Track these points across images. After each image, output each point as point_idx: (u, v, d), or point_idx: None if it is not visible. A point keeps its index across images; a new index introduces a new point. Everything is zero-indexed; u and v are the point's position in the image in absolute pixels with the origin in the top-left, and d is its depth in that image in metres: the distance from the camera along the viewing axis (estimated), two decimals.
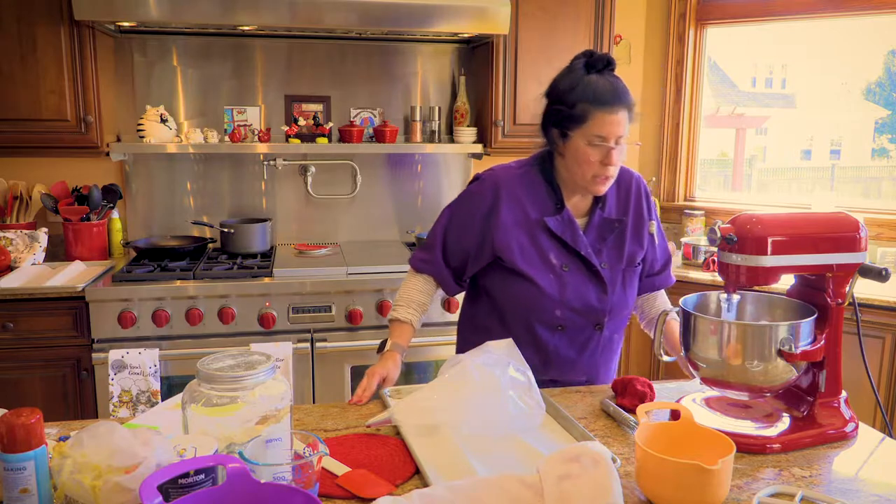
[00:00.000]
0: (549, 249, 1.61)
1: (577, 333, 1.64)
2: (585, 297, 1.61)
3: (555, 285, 1.60)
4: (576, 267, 1.61)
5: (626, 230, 1.66)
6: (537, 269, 1.60)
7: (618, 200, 1.68)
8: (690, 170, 3.59)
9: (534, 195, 1.64)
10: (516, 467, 1.18)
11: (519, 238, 1.61)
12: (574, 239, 1.60)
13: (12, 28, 2.60)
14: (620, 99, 1.51)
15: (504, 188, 1.64)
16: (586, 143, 1.52)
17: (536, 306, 1.61)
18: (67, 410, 2.59)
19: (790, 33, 3.58)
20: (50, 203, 2.89)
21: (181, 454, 0.98)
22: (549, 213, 1.62)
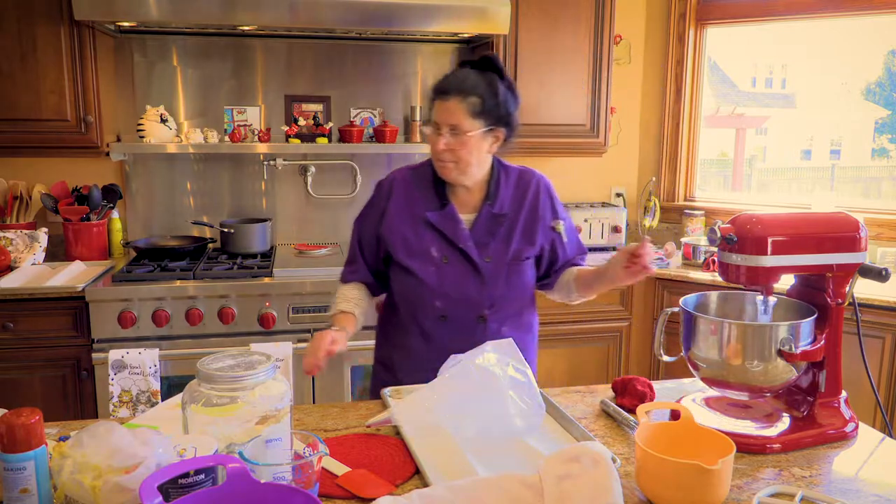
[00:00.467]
0: (430, 242, 1.69)
1: (460, 324, 1.69)
2: (463, 289, 1.67)
3: (434, 276, 1.67)
4: (456, 259, 1.68)
5: (517, 226, 1.71)
6: (418, 261, 1.68)
7: (512, 197, 1.73)
8: (690, 170, 3.59)
9: (423, 192, 1.72)
10: (516, 467, 1.18)
11: (404, 232, 1.70)
12: (454, 232, 1.68)
13: (12, 28, 2.60)
14: (454, 87, 1.60)
15: (395, 186, 1.74)
16: (429, 128, 1.65)
17: (419, 297, 1.69)
18: (67, 410, 2.59)
19: (790, 33, 3.58)
20: (50, 203, 2.89)
21: (181, 454, 0.98)
22: (434, 208, 1.70)
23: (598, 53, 3.13)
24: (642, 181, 3.66)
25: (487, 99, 1.61)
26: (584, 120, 3.19)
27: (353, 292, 1.76)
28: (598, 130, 3.21)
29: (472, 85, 1.60)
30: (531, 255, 1.73)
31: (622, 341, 3.09)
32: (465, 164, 1.64)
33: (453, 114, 1.60)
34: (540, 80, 3.10)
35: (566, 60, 3.11)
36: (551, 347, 3.01)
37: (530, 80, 3.09)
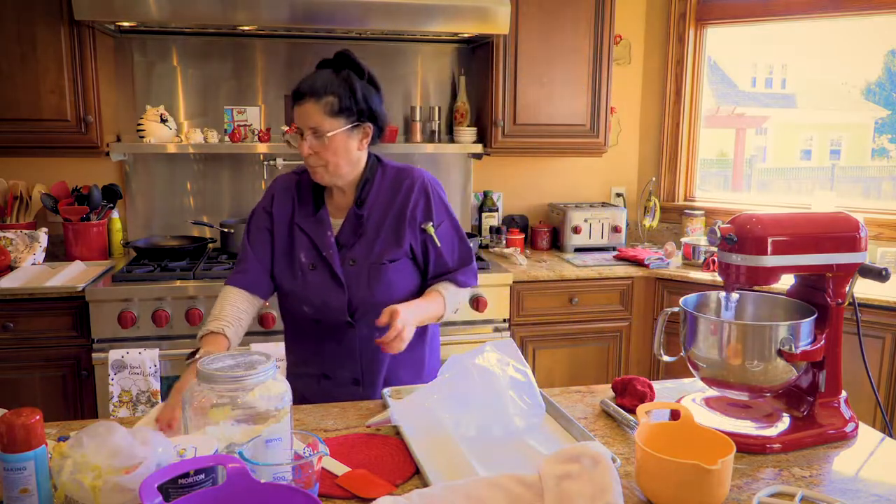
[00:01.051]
0: (301, 248, 1.67)
1: (332, 329, 1.67)
2: (324, 296, 1.65)
3: (298, 284, 1.66)
4: (322, 267, 1.66)
5: (383, 227, 1.66)
6: (285, 267, 1.68)
7: (383, 198, 1.68)
8: (690, 170, 3.59)
9: (303, 197, 1.70)
10: (516, 467, 1.17)
11: (281, 238, 1.69)
12: (322, 240, 1.66)
13: (12, 28, 2.60)
14: (307, 89, 1.58)
15: (277, 193, 1.72)
16: (292, 137, 1.62)
17: (290, 302, 1.70)
18: (67, 410, 2.59)
19: (790, 33, 3.58)
20: (50, 203, 2.89)
21: (181, 454, 0.98)
22: (309, 213, 1.68)
23: (598, 53, 3.13)
24: (642, 181, 3.66)
25: (344, 96, 1.58)
26: (584, 120, 3.19)
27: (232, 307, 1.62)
28: (598, 130, 3.21)
29: (324, 84, 1.58)
30: (398, 258, 1.65)
31: (622, 341, 3.09)
32: (335, 166, 1.60)
33: (311, 116, 1.57)
34: (540, 80, 3.10)
35: (566, 60, 3.11)
36: (551, 347, 3.01)
37: (530, 80, 3.09)
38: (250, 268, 1.69)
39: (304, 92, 1.58)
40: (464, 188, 3.44)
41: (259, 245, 1.70)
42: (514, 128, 3.12)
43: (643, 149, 3.66)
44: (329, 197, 1.70)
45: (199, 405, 1.06)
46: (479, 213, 3.43)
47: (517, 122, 3.11)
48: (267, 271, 1.70)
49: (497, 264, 3.00)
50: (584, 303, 3.00)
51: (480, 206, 3.43)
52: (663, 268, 3.04)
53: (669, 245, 3.25)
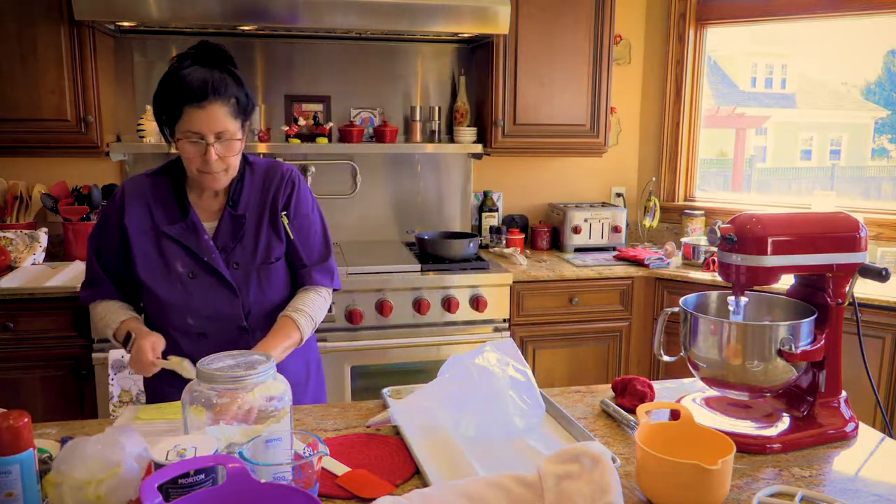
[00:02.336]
0: (174, 258, 1.54)
1: (221, 339, 1.55)
2: (215, 304, 1.55)
3: (180, 295, 1.54)
4: (204, 273, 1.54)
5: (262, 226, 1.59)
6: (159, 279, 1.54)
7: (254, 195, 1.60)
8: (690, 170, 3.59)
9: (162, 202, 1.56)
10: (516, 467, 1.17)
11: (144, 248, 1.54)
12: (198, 245, 1.54)
13: (12, 28, 2.60)
14: (212, 91, 1.43)
15: (128, 198, 1.56)
16: (185, 140, 1.46)
17: (167, 316, 1.55)
18: (67, 410, 2.59)
19: (790, 33, 3.58)
20: (50, 203, 2.89)
21: (181, 454, 0.98)
22: (176, 219, 1.55)
23: (598, 53, 3.13)
24: (642, 181, 3.66)
25: (241, 95, 1.50)
26: (584, 120, 3.19)
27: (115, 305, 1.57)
28: (598, 130, 3.21)
29: (223, 83, 1.46)
30: (282, 255, 1.61)
31: (622, 341, 3.09)
32: (233, 169, 1.52)
33: (219, 120, 1.44)
34: (540, 80, 3.10)
35: (566, 60, 3.11)
36: (551, 347, 3.01)
37: (530, 80, 3.09)
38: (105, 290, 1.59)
39: (207, 92, 1.43)
40: (464, 188, 3.44)
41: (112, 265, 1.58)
42: (514, 128, 3.12)
43: (643, 149, 3.66)
44: (195, 199, 1.58)
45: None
46: (479, 213, 3.43)
47: (517, 122, 3.11)
48: (123, 290, 1.60)
49: (497, 264, 3.00)
50: (584, 303, 3.00)
51: (480, 206, 3.43)
52: (663, 268, 3.04)
53: (669, 245, 3.25)
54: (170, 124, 1.49)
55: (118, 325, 1.54)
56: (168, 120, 1.49)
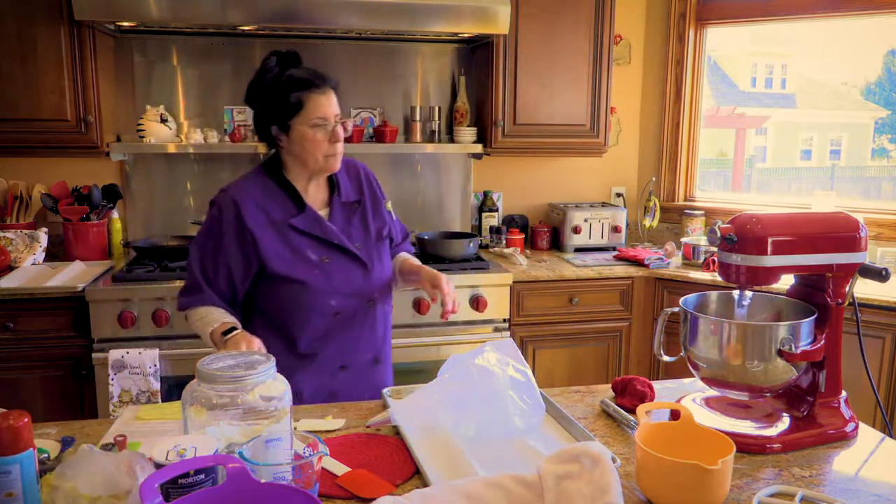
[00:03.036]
0: (304, 248, 1.65)
1: (354, 315, 1.71)
2: (353, 282, 1.69)
3: (322, 279, 1.65)
4: (336, 256, 1.68)
5: (367, 210, 1.77)
6: (300, 268, 1.64)
7: (351, 185, 1.78)
8: (690, 170, 3.59)
9: (273, 200, 1.66)
10: (516, 467, 1.17)
11: (273, 244, 1.63)
12: (324, 231, 1.67)
13: (12, 28, 2.60)
14: (326, 81, 1.63)
15: (242, 200, 1.63)
16: (309, 127, 1.60)
17: (311, 302, 1.65)
18: (67, 410, 2.59)
19: (790, 33, 3.58)
20: (50, 203, 2.89)
21: (181, 454, 0.98)
22: (292, 213, 1.66)
23: (598, 53, 3.13)
24: (642, 181, 3.66)
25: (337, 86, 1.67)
26: (584, 120, 3.19)
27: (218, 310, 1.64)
28: (598, 130, 3.21)
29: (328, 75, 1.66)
30: (387, 232, 1.80)
31: (622, 341, 3.09)
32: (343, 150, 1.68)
33: (335, 104, 1.63)
34: (540, 80, 3.10)
35: (566, 60, 3.11)
36: (551, 347, 3.01)
37: (530, 80, 3.09)
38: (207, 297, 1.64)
39: (324, 80, 1.63)
40: (464, 188, 3.44)
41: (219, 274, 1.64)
42: (514, 128, 3.12)
43: (643, 149, 3.66)
44: (304, 194, 1.69)
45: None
46: (479, 213, 3.43)
47: (517, 122, 3.11)
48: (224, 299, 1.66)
49: (497, 264, 3.00)
50: (584, 303, 3.00)
51: (480, 206, 3.43)
52: (663, 268, 3.04)
53: (669, 245, 3.25)
54: (287, 119, 1.61)
55: (219, 324, 1.59)
56: (285, 116, 1.61)
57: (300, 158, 1.65)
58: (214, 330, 1.57)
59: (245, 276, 1.65)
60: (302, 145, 1.62)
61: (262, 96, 1.64)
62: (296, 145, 1.63)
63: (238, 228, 1.62)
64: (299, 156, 1.64)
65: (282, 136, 1.64)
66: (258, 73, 1.65)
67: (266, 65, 1.64)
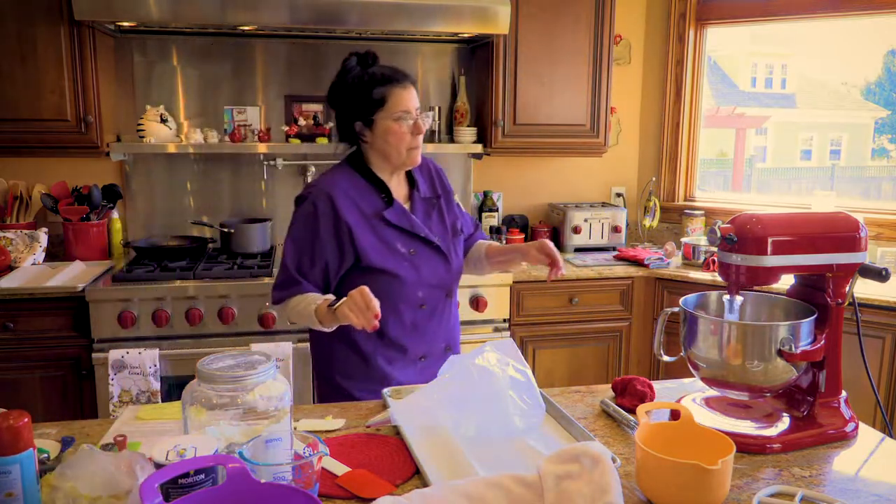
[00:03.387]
0: (394, 240, 1.70)
1: (435, 306, 1.76)
2: (438, 274, 1.74)
3: (412, 271, 1.70)
4: (421, 249, 1.72)
5: (442, 205, 1.82)
6: (392, 260, 1.68)
7: (426, 182, 1.84)
8: (690, 170, 3.59)
9: (362, 194, 1.71)
10: (516, 467, 1.17)
11: (367, 237, 1.68)
12: (412, 224, 1.72)
13: (12, 28, 2.60)
14: (406, 75, 1.70)
15: (336, 194, 1.68)
16: (393, 121, 1.66)
17: (401, 294, 1.69)
18: (67, 410, 2.59)
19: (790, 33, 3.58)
20: (50, 203, 2.89)
21: (181, 454, 0.98)
22: (382, 207, 1.71)
23: (598, 53, 3.13)
24: (642, 181, 3.66)
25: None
26: (584, 120, 3.19)
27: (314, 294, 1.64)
28: (598, 130, 3.21)
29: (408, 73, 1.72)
30: (459, 226, 1.85)
31: (622, 341, 3.09)
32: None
33: (416, 98, 1.69)
34: (540, 80, 3.10)
35: (566, 60, 3.11)
36: (551, 347, 3.01)
37: (530, 81, 3.09)
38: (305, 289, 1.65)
39: (405, 74, 1.70)
40: (464, 188, 3.44)
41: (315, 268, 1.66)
42: (514, 128, 3.12)
43: (643, 149, 3.66)
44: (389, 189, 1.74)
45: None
46: (479, 213, 3.43)
47: (517, 122, 3.11)
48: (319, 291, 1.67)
49: None
50: (584, 303, 3.00)
51: (480, 206, 3.43)
52: (663, 268, 3.04)
53: (669, 245, 3.25)
54: (371, 114, 1.67)
55: (322, 300, 1.59)
56: (369, 111, 1.67)
57: (383, 152, 1.70)
58: (319, 306, 1.57)
59: (339, 269, 1.69)
60: (386, 139, 1.67)
61: (345, 94, 1.70)
62: (380, 139, 1.68)
63: (334, 221, 1.66)
64: (383, 150, 1.69)
65: (366, 131, 1.69)
66: (339, 74, 1.72)
67: (346, 65, 1.71)
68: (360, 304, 1.45)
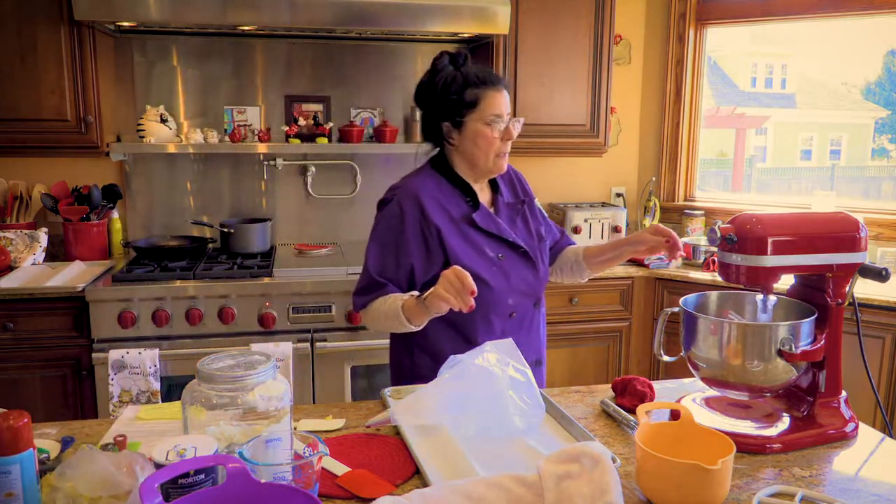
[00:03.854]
0: (482, 244, 1.64)
1: (524, 315, 1.70)
2: (527, 280, 1.68)
3: (499, 276, 1.64)
4: (510, 253, 1.67)
5: (525, 211, 1.77)
6: (482, 264, 1.62)
7: (508, 187, 1.78)
8: (690, 170, 3.59)
9: (448, 197, 1.66)
10: (516, 467, 1.17)
11: (456, 241, 1.62)
12: (499, 229, 1.66)
13: (12, 28, 2.60)
14: (500, 79, 1.64)
15: (422, 195, 1.63)
16: (484, 124, 1.60)
17: (492, 302, 1.62)
18: (67, 410, 2.59)
19: (790, 33, 3.58)
20: (50, 203, 2.89)
21: (181, 454, 0.98)
22: (468, 210, 1.66)
23: (598, 53, 3.13)
24: (642, 181, 3.66)
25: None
26: (584, 120, 3.19)
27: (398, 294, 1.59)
28: (598, 130, 3.21)
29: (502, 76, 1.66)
30: (543, 231, 1.78)
31: (622, 341, 3.09)
32: None
33: (508, 102, 1.62)
34: (540, 80, 3.10)
35: (566, 60, 3.11)
36: (552, 347, 2.98)
37: (530, 80, 3.09)
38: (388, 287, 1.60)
39: (500, 78, 1.64)
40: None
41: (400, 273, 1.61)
42: None
43: (643, 149, 3.66)
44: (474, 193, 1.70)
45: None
46: None
47: None
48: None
49: None
50: (584, 303, 3.00)
51: None
52: (663, 268, 3.04)
53: None
54: (461, 116, 1.61)
55: (409, 296, 1.53)
56: (459, 113, 1.61)
57: (470, 156, 1.64)
58: (406, 301, 1.52)
59: (426, 273, 1.61)
60: (475, 142, 1.61)
61: (435, 94, 1.63)
62: (468, 142, 1.62)
63: (422, 224, 1.61)
64: (470, 153, 1.64)
65: (454, 133, 1.63)
66: (430, 73, 1.66)
67: (438, 65, 1.65)
68: (456, 283, 1.37)
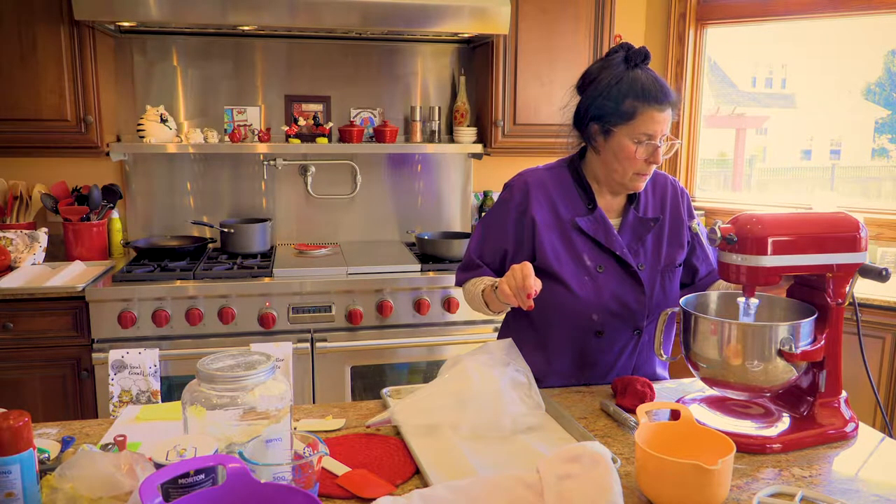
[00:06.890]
0: (582, 251, 1.56)
1: (615, 338, 1.58)
2: (623, 300, 1.56)
3: (589, 288, 1.55)
4: (611, 268, 1.56)
5: (664, 230, 1.61)
6: (570, 271, 1.55)
7: (653, 200, 1.63)
8: (690, 170, 3.59)
9: (564, 195, 1.59)
10: (516, 467, 1.17)
11: (551, 239, 1.56)
12: (608, 239, 1.56)
13: (12, 28, 2.60)
14: (668, 96, 1.47)
15: (533, 189, 1.59)
16: (632, 141, 1.48)
17: (572, 311, 1.56)
18: (67, 410, 2.59)
19: (790, 33, 3.58)
20: (50, 203, 2.89)
21: (181, 454, 0.98)
22: (581, 213, 1.57)
23: (598, 53, 3.13)
24: None
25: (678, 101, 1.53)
26: None
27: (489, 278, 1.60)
28: None
29: (671, 89, 1.50)
30: (681, 261, 1.62)
31: None
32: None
33: (668, 123, 1.49)
34: (540, 79, 3.10)
35: (566, 60, 3.11)
36: None
37: (530, 80, 3.09)
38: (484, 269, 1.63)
39: (668, 98, 1.47)
40: (464, 188, 3.44)
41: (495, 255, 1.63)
42: (514, 128, 3.12)
43: None
44: (599, 196, 1.60)
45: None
46: (479, 214, 3.43)
47: (517, 122, 3.11)
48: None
49: None
50: None
51: (480, 206, 3.43)
52: None
53: None
54: (612, 124, 1.49)
55: (491, 282, 1.54)
56: (611, 120, 1.49)
57: (607, 166, 1.54)
58: (487, 286, 1.55)
59: (516, 259, 1.59)
60: (616, 154, 1.51)
61: (596, 90, 1.51)
62: (610, 153, 1.52)
63: (522, 211, 1.59)
64: (608, 164, 1.54)
65: (598, 137, 1.53)
66: (601, 64, 1.53)
67: (611, 59, 1.52)
68: (518, 279, 1.34)
